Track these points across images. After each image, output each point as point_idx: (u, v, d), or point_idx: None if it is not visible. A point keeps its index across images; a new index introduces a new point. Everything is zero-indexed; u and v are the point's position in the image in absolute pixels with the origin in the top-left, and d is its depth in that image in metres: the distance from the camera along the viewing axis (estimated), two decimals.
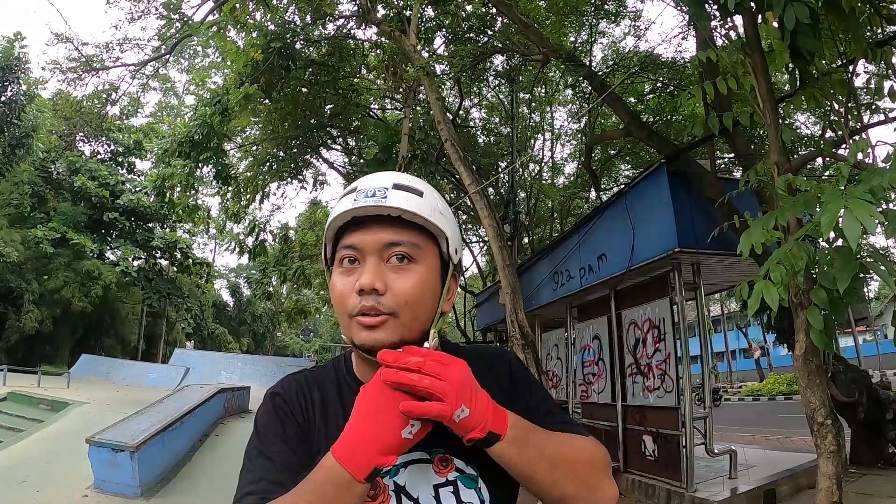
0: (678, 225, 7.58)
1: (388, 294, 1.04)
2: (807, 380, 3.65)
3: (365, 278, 1.03)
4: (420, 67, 10.80)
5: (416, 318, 1.06)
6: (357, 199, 1.06)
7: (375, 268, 1.05)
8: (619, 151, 17.10)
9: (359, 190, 1.08)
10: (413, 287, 1.06)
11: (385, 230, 1.07)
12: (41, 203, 33.70)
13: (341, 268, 1.09)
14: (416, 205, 1.07)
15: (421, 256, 1.08)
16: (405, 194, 1.07)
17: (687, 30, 11.64)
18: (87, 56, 16.21)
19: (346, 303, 1.06)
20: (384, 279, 1.04)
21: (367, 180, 1.11)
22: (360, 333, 1.05)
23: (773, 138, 4.09)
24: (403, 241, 1.07)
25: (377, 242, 1.06)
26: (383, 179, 1.10)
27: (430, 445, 1.08)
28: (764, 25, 4.30)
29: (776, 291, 2.83)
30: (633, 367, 9.17)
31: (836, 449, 3.55)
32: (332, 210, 1.13)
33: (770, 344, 36.82)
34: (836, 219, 2.42)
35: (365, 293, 1.03)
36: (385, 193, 1.06)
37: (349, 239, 1.08)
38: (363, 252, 1.07)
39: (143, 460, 9.51)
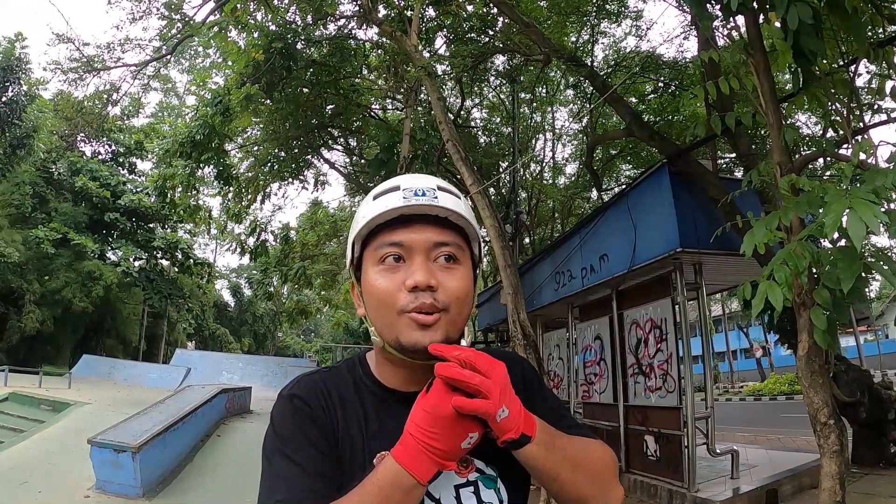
0: (680, 225, 7.57)
1: (440, 291, 1.05)
2: (810, 380, 3.65)
3: (420, 275, 1.03)
4: (421, 67, 10.80)
5: (461, 315, 1.08)
6: (407, 198, 1.07)
7: (426, 266, 1.06)
8: (620, 151, 17.10)
9: (405, 188, 1.08)
10: (460, 285, 1.08)
11: (433, 230, 1.08)
12: (42, 203, 33.71)
13: (382, 266, 1.08)
14: (462, 207, 1.10)
15: (463, 257, 1.11)
16: (451, 197, 1.10)
17: (689, 30, 11.65)
18: (88, 56, 16.21)
19: (395, 300, 1.05)
20: (435, 276, 1.05)
21: (410, 179, 1.12)
22: (412, 332, 1.04)
23: (775, 138, 4.09)
24: (450, 241, 1.09)
25: (427, 241, 1.07)
26: (428, 180, 1.12)
27: None
28: (766, 25, 4.31)
29: (780, 292, 2.83)
30: (634, 367, 9.17)
31: (839, 449, 3.55)
32: (368, 208, 1.11)
33: (771, 344, 36.79)
34: (840, 219, 2.43)
35: (419, 290, 1.03)
36: (435, 194, 1.08)
37: (394, 236, 1.08)
38: (411, 250, 1.07)
39: (145, 461, 9.51)
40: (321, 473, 1.05)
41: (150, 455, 9.74)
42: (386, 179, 4.77)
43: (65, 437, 12.62)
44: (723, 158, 12.61)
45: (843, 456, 3.56)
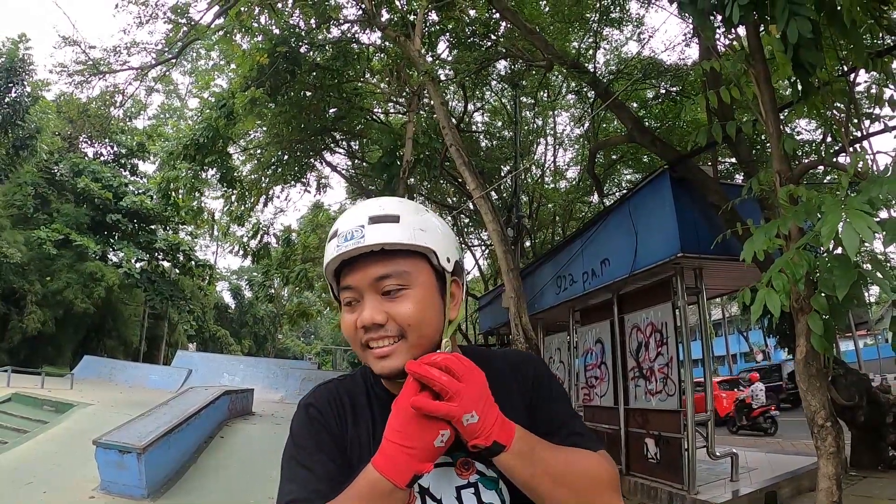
0: (681, 230, 7.66)
1: (390, 323, 1.13)
2: (807, 383, 3.74)
3: (365, 315, 1.13)
4: (425, 72, 10.88)
5: (423, 335, 1.15)
6: (339, 245, 1.15)
7: (373, 302, 1.14)
8: (621, 156, 17.19)
9: (339, 234, 1.16)
10: (412, 311, 1.13)
11: (373, 265, 1.14)
12: (44, 204, 33.74)
13: (346, 307, 1.19)
14: (394, 234, 1.14)
15: (413, 280, 1.15)
16: (381, 227, 1.14)
17: (690, 38, 11.73)
18: (94, 59, 16.30)
19: (356, 337, 1.16)
20: (383, 310, 1.13)
21: (344, 220, 1.19)
22: (375, 364, 1.15)
23: (775, 147, 4.18)
24: (391, 272, 1.14)
25: (367, 279, 1.14)
26: (358, 216, 1.17)
27: (452, 450, 1.11)
28: (767, 36, 4.40)
29: (778, 298, 2.93)
30: (635, 371, 9.25)
31: (836, 450, 3.64)
32: (326, 254, 1.20)
33: (771, 348, 36.80)
34: (835, 229, 2.52)
35: (369, 328, 1.13)
36: (362, 232, 1.13)
37: (345, 280, 1.18)
38: (359, 290, 1.16)
39: (150, 462, 9.56)
40: (329, 477, 1.14)
41: (155, 456, 9.79)
42: (389, 183, 5.02)
43: (68, 437, 12.67)
44: (722, 163, 12.71)
45: (840, 457, 3.65)
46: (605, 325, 10.41)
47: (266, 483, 9.52)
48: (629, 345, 9.51)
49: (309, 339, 73.61)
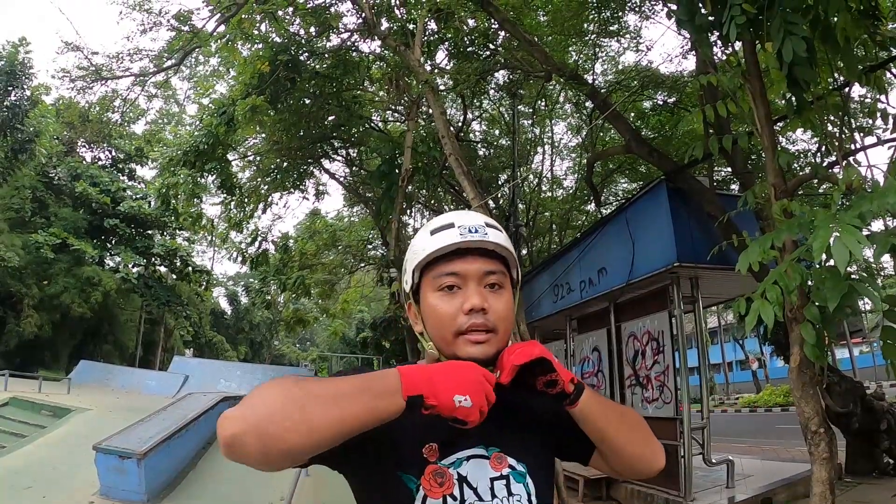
0: (677, 240, 7.76)
1: (490, 313, 1.25)
2: (801, 391, 3.84)
3: (476, 299, 1.25)
4: (425, 82, 10.95)
5: (506, 331, 1.30)
6: (463, 234, 1.27)
7: (480, 290, 1.27)
8: (619, 166, 17.27)
9: (460, 226, 1.29)
10: (506, 307, 1.29)
11: (484, 261, 1.29)
12: (42, 208, 33.79)
13: (441, 292, 1.29)
14: (504, 240, 1.32)
15: (506, 282, 1.32)
16: (496, 232, 1.31)
17: (688, 50, 11.84)
18: (96, 65, 16.37)
19: (454, 321, 1.26)
20: (487, 300, 1.26)
21: (463, 217, 1.33)
22: (469, 348, 1.24)
23: (770, 161, 4.28)
24: (497, 269, 1.30)
25: (479, 270, 1.28)
26: (478, 219, 1.33)
27: (488, 444, 1.29)
28: (762, 54, 4.51)
29: (771, 309, 3.03)
30: (632, 379, 9.33)
31: (829, 456, 3.73)
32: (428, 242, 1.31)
33: (767, 356, 36.93)
34: (826, 244, 2.62)
35: (475, 312, 1.25)
36: (486, 231, 1.29)
37: (452, 266, 1.28)
38: (466, 278, 1.28)
39: (150, 467, 9.63)
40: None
41: (155, 462, 9.86)
42: (387, 191, 5.16)
43: (67, 442, 12.72)
44: (718, 172, 12.81)
45: (833, 463, 3.74)
46: (602, 334, 10.49)
47: (265, 488, 9.59)
48: (626, 353, 9.59)
49: (305, 345, 73.44)
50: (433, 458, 1.25)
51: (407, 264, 1.37)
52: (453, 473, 1.25)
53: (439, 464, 1.25)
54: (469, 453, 1.28)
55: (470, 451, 1.28)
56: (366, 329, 36.50)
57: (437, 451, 1.26)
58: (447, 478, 1.24)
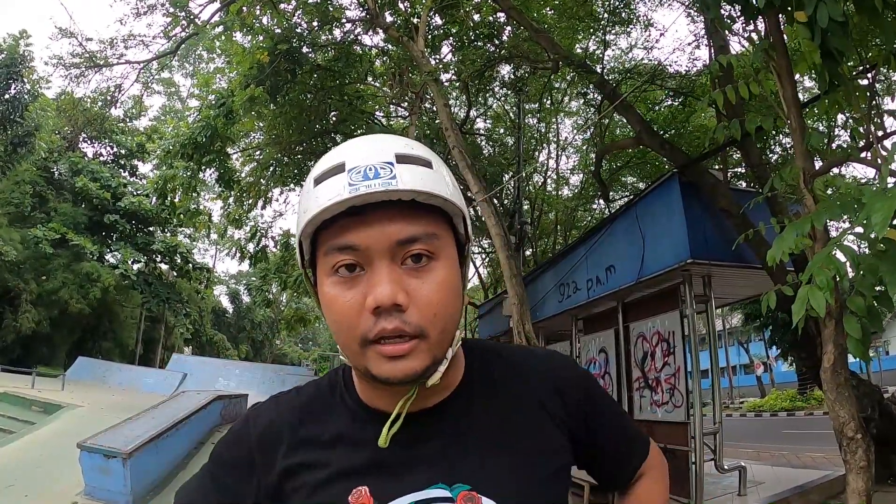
0: (690, 236, 7.43)
1: (411, 309, 0.82)
2: (835, 393, 3.48)
3: (383, 290, 0.80)
4: (428, 73, 10.70)
5: (446, 330, 0.86)
6: (354, 183, 0.80)
7: (391, 274, 0.82)
8: (627, 162, 17.03)
9: (349, 169, 0.81)
10: (440, 294, 0.84)
11: (394, 222, 0.82)
12: (42, 203, 33.64)
13: (336, 276, 0.84)
14: (430, 181, 0.83)
15: (440, 249, 0.86)
16: (414, 169, 0.83)
17: (700, 39, 11.57)
18: (90, 52, 16.13)
19: (355, 325, 0.82)
20: (404, 288, 0.82)
21: (353, 153, 0.84)
22: (382, 366, 0.83)
23: (798, 143, 3.95)
24: (420, 233, 0.83)
25: (388, 241, 0.82)
26: (378, 150, 0.84)
27: (451, 479, 0.89)
28: (789, 28, 4.17)
29: (822, 296, 2.66)
30: (640, 381, 9.00)
31: (867, 464, 3.38)
32: (309, 197, 0.84)
33: (772, 359, 36.67)
34: (889, 217, 2.24)
35: (383, 311, 0.80)
36: (391, 171, 0.81)
37: (345, 237, 0.82)
38: (368, 254, 0.82)
39: (136, 467, 9.32)
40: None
41: (142, 462, 9.54)
42: None
43: (55, 440, 12.42)
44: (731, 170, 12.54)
45: (871, 472, 3.39)
46: (610, 334, 10.14)
47: None
48: (634, 354, 9.26)
49: (307, 345, 73.46)
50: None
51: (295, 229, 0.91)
52: None
53: None
54: (419, 497, 0.88)
55: (421, 493, 0.88)
56: None
57: (369, 496, 0.88)
58: None
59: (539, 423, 0.97)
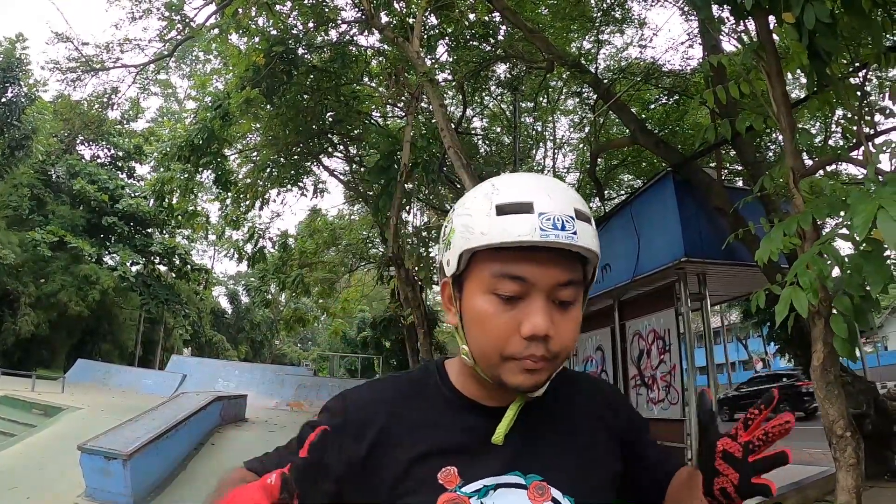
0: (685, 234, 7.49)
1: (554, 339, 0.94)
2: (825, 391, 3.52)
3: (541, 322, 0.92)
4: (424, 73, 10.72)
5: (568, 356, 1.01)
6: (545, 230, 0.90)
7: (547, 308, 0.94)
8: (622, 161, 17.04)
9: (541, 213, 0.91)
10: (575, 331, 0.98)
11: (558, 266, 0.94)
12: (40, 206, 33.57)
13: (493, 297, 0.95)
14: (594, 240, 0.96)
15: (578, 294, 0.98)
16: (586, 227, 0.94)
17: (694, 38, 11.60)
18: (86, 56, 16.12)
19: (504, 345, 0.94)
20: (553, 321, 0.94)
21: (543, 195, 0.93)
22: (519, 377, 0.95)
23: (788, 142, 3.99)
24: (575, 279, 0.96)
25: (551, 279, 0.94)
26: (565, 200, 0.94)
27: (527, 470, 1.00)
28: (778, 29, 4.21)
29: (805, 297, 2.70)
30: (636, 379, 9.04)
31: (856, 462, 3.42)
32: (490, 223, 0.93)
33: (770, 356, 36.72)
34: (871, 219, 2.29)
35: (536, 339, 0.93)
36: (573, 226, 0.92)
37: (518, 269, 0.93)
38: (533, 288, 0.93)
39: (136, 469, 9.34)
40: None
41: (142, 463, 9.57)
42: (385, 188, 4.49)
43: (56, 442, 12.43)
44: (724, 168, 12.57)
45: (860, 469, 3.44)
46: (606, 332, 10.19)
47: None
48: (630, 352, 9.31)
49: (306, 345, 73.29)
50: (451, 485, 0.97)
51: (453, 238, 1.00)
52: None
53: (458, 492, 0.96)
54: (499, 480, 0.98)
55: (501, 477, 0.98)
56: (366, 328, 36.30)
57: (457, 475, 0.98)
58: None
59: (599, 433, 1.11)
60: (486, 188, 0.98)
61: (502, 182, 0.98)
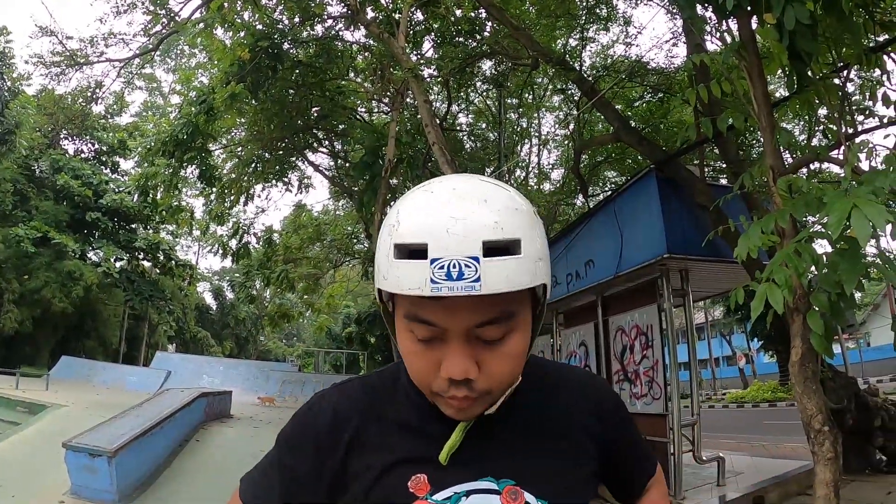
0: (667, 231, 7.53)
1: (480, 378, 0.89)
2: (803, 386, 3.58)
3: (455, 368, 0.87)
4: (409, 69, 10.72)
5: (510, 385, 0.96)
6: (437, 281, 0.80)
7: (465, 351, 0.87)
8: (606, 157, 17.11)
9: (434, 261, 0.80)
10: (509, 365, 0.91)
11: (471, 310, 0.85)
12: (23, 201, 33.30)
13: (413, 335, 0.90)
14: (517, 275, 0.83)
15: (517, 322, 0.90)
16: (501, 264, 0.81)
17: (678, 36, 11.66)
18: (71, 50, 15.99)
19: (429, 382, 0.92)
20: (476, 360, 0.88)
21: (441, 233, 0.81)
22: (449, 410, 0.95)
23: (768, 141, 4.04)
24: (498, 316, 0.87)
25: (464, 323, 0.86)
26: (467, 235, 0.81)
27: (499, 474, 0.98)
28: (760, 29, 4.26)
29: (780, 293, 2.76)
30: (619, 374, 9.09)
31: (834, 456, 3.48)
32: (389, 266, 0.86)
33: (754, 351, 36.99)
34: (844, 218, 2.34)
35: (457, 382, 0.88)
36: (476, 272, 0.79)
37: (425, 313, 0.86)
38: (446, 332, 0.87)
39: (121, 466, 9.29)
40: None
41: (127, 460, 9.52)
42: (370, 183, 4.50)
43: (40, 440, 12.36)
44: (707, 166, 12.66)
45: (838, 463, 3.49)
46: (590, 328, 10.23)
47: None
48: (614, 348, 9.36)
49: (291, 341, 73.11)
50: (422, 493, 0.96)
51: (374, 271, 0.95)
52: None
53: (429, 499, 0.95)
54: (471, 487, 0.97)
55: (472, 483, 0.97)
56: (351, 324, 36.29)
57: (427, 483, 0.96)
58: None
59: (576, 432, 1.07)
60: (392, 217, 0.89)
61: (406, 210, 0.88)
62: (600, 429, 1.10)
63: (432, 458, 0.98)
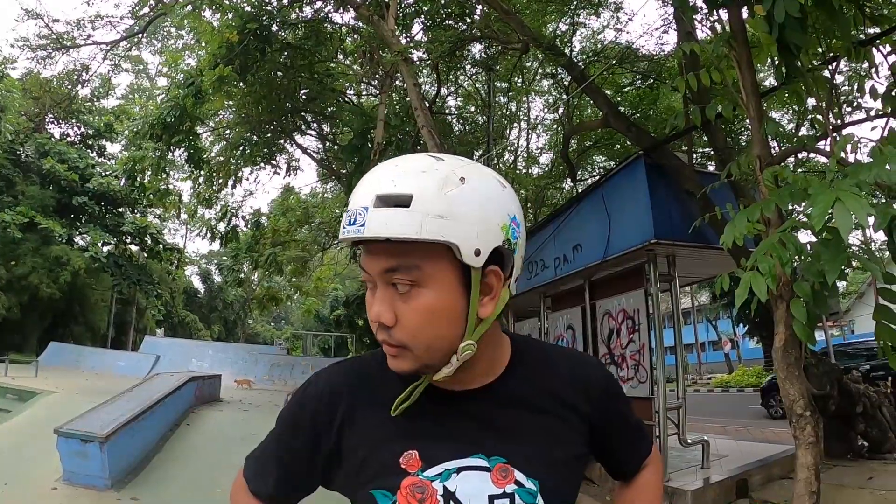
0: (655, 216, 7.59)
1: (396, 327, 0.96)
2: (786, 372, 3.67)
3: (371, 310, 0.97)
4: (398, 52, 10.70)
5: (431, 347, 0.97)
6: (344, 226, 0.94)
7: (383, 296, 0.96)
8: (595, 142, 17.14)
9: (347, 212, 0.94)
10: (420, 318, 0.95)
11: (382, 254, 0.95)
12: (9, 186, 32.92)
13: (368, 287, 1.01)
14: (399, 224, 0.89)
15: (425, 277, 0.94)
16: (385, 213, 0.89)
17: (669, 23, 11.68)
18: (57, 33, 15.83)
19: (374, 329, 1.00)
20: (393, 308, 0.95)
21: (356, 194, 0.94)
22: (388, 359, 1.02)
23: (756, 131, 4.09)
24: (398, 265, 0.93)
25: (377, 268, 0.95)
26: (367, 193, 0.92)
27: (490, 452, 1.02)
28: (750, 19, 4.30)
29: (764, 282, 2.83)
30: (606, 358, 9.18)
31: (815, 440, 3.57)
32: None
33: (740, 336, 37.27)
34: (827, 210, 2.41)
35: (381, 326, 0.97)
36: (363, 218, 0.90)
37: (362, 261, 0.99)
38: (372, 277, 0.97)
39: (113, 451, 9.29)
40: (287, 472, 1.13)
41: (119, 445, 9.52)
42: (359, 166, 4.63)
43: (31, 426, 12.34)
44: (695, 153, 12.72)
45: (819, 447, 3.58)
46: (577, 312, 10.31)
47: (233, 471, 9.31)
48: (601, 331, 9.45)
49: (279, 324, 73.10)
50: (413, 469, 1.00)
51: None
52: (438, 488, 0.99)
53: (420, 476, 0.99)
54: (461, 464, 1.01)
55: (463, 460, 1.01)
56: (339, 307, 36.33)
57: (419, 459, 1.01)
58: (429, 493, 0.99)
59: (566, 413, 1.11)
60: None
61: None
62: (590, 409, 1.13)
63: (423, 434, 1.03)
